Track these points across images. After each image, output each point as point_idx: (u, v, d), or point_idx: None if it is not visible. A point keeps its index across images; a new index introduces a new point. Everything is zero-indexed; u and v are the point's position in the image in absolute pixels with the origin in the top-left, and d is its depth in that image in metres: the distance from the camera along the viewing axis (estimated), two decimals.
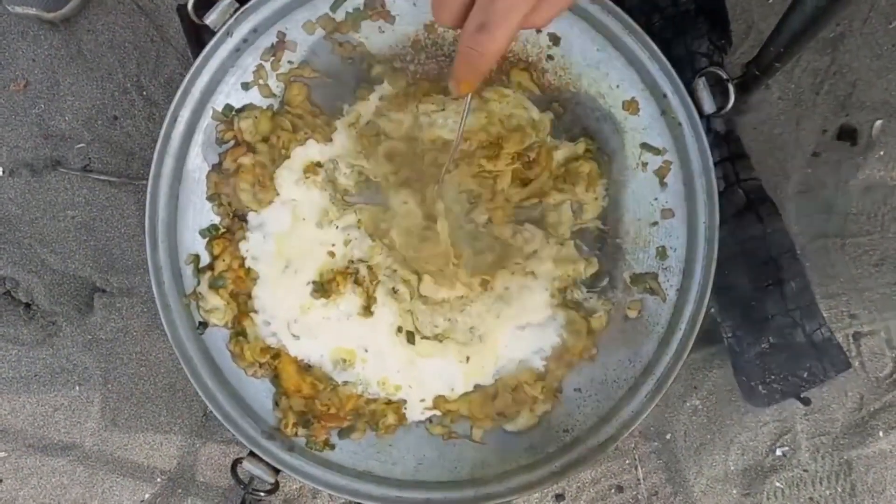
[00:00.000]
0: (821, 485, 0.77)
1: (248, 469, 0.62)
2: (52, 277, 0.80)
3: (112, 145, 0.80)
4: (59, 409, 0.80)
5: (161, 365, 0.80)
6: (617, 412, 0.61)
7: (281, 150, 0.61)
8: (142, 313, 0.80)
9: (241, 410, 0.62)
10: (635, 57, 0.61)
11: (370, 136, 0.62)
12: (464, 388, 0.62)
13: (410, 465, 0.62)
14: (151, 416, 0.79)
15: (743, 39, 0.77)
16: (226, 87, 0.61)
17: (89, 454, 0.79)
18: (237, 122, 0.61)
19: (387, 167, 0.61)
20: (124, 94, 0.79)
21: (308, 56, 0.62)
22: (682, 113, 0.61)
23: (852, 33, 0.76)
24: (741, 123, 0.77)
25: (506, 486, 0.61)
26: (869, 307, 0.77)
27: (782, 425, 0.77)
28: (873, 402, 0.77)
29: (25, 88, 0.80)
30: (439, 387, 0.62)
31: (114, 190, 0.79)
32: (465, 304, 0.62)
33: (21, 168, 0.80)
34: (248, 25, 0.60)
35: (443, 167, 0.59)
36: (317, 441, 0.62)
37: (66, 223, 0.80)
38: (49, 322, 0.80)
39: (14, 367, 0.80)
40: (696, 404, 0.77)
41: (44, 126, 0.80)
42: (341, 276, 0.62)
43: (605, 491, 0.77)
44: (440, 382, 0.62)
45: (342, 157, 0.62)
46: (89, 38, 0.79)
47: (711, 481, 0.77)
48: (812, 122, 0.77)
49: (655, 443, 0.77)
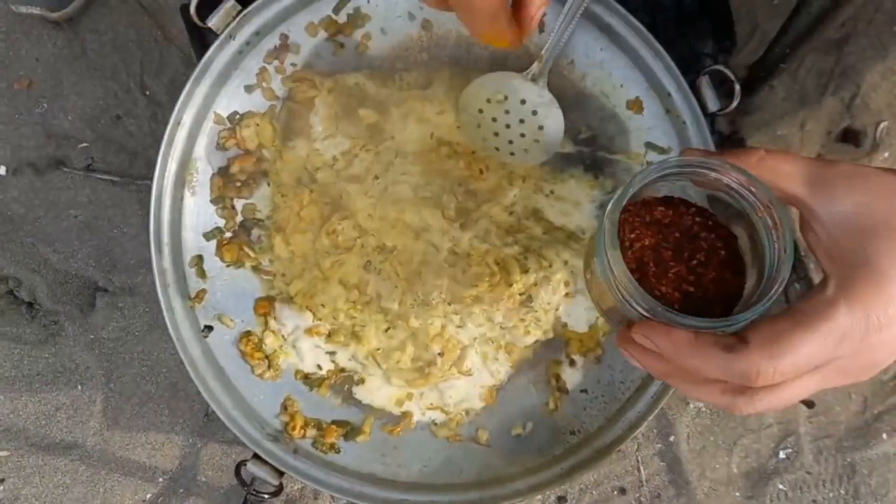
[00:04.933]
0: (824, 487, 0.77)
1: (251, 471, 0.62)
2: (54, 276, 0.80)
3: (115, 145, 0.80)
4: (62, 408, 0.80)
5: (163, 365, 0.80)
6: (624, 413, 0.61)
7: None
8: (144, 313, 0.80)
9: (245, 413, 0.62)
10: (639, 56, 0.60)
11: (348, 97, 0.61)
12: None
13: (415, 468, 0.62)
14: (153, 415, 0.79)
15: (747, 40, 0.77)
16: (229, 90, 0.61)
17: (91, 453, 0.79)
18: (239, 131, 0.61)
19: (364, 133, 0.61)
20: (128, 93, 0.79)
21: (311, 58, 0.62)
22: (687, 111, 0.61)
23: (857, 35, 0.76)
24: (745, 124, 0.77)
25: (511, 489, 0.61)
26: None
27: (785, 428, 0.77)
28: (877, 404, 0.77)
29: (29, 87, 0.80)
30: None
31: (116, 189, 0.79)
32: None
33: (24, 167, 0.80)
34: (250, 28, 0.60)
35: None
36: (325, 443, 0.62)
37: (68, 222, 0.80)
38: (51, 321, 0.80)
39: (16, 366, 0.80)
40: (700, 406, 0.77)
41: (47, 125, 0.80)
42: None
43: (608, 493, 0.77)
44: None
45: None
46: (93, 38, 0.79)
47: (714, 484, 0.77)
48: (817, 123, 0.77)
49: (658, 445, 0.77)
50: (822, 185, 0.37)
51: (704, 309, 0.41)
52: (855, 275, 0.35)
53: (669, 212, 0.43)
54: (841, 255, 0.36)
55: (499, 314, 0.60)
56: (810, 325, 0.34)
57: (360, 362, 0.62)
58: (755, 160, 0.39)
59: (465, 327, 0.61)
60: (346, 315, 0.61)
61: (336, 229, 0.61)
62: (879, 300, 0.34)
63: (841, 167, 0.38)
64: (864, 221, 0.36)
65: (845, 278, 0.35)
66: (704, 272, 0.42)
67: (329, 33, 0.62)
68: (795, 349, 0.34)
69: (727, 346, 0.36)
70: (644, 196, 0.44)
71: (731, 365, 0.35)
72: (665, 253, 0.42)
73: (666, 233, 0.43)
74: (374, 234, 0.61)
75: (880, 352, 0.36)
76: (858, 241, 0.36)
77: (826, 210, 0.37)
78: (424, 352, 0.61)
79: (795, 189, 0.38)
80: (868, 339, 0.35)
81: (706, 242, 0.43)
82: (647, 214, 0.43)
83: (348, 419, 0.63)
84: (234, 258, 0.62)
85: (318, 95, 0.61)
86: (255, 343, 0.62)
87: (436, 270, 0.60)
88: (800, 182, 0.38)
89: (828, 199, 0.37)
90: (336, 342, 0.62)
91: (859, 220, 0.36)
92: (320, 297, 0.61)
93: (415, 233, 0.60)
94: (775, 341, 0.34)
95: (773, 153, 0.39)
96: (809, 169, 0.38)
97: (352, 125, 0.61)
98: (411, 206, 0.60)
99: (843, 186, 0.37)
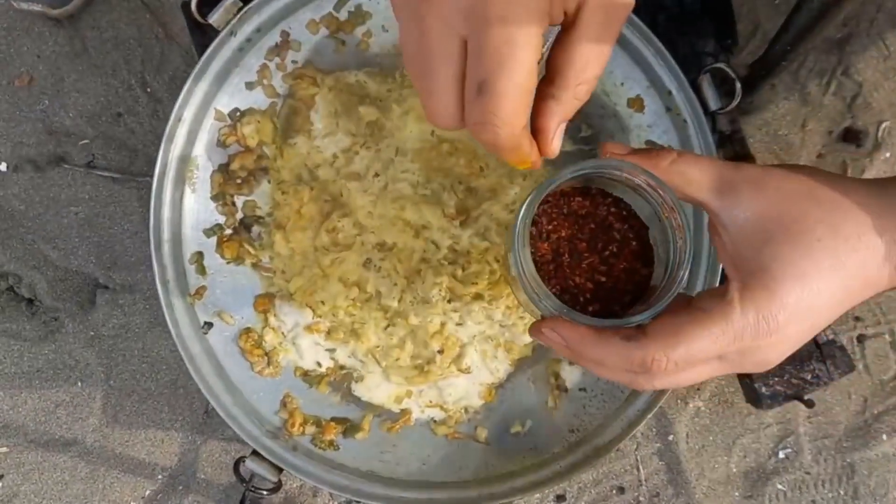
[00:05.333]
0: (823, 487, 0.77)
1: (250, 467, 0.62)
2: (54, 273, 0.80)
3: (116, 142, 0.80)
4: (61, 405, 0.80)
5: (163, 362, 0.80)
6: (623, 412, 0.61)
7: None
8: (144, 310, 0.80)
9: (245, 410, 0.62)
10: (640, 55, 0.60)
11: (349, 95, 0.61)
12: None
13: (414, 466, 0.62)
14: (153, 412, 0.79)
15: (748, 39, 0.77)
16: (230, 88, 0.61)
17: (91, 450, 0.79)
18: (240, 128, 0.61)
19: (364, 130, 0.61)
20: (128, 90, 0.79)
21: (312, 55, 0.62)
22: (688, 110, 0.61)
23: (859, 34, 0.76)
24: (746, 123, 0.77)
25: (510, 487, 0.61)
26: (874, 309, 0.76)
27: (785, 427, 0.77)
28: (877, 404, 0.77)
29: (30, 84, 0.80)
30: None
31: (117, 186, 0.79)
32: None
33: (25, 164, 0.80)
34: (251, 25, 0.60)
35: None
36: (324, 440, 0.62)
37: (69, 219, 0.80)
38: (51, 318, 0.80)
39: (16, 362, 0.80)
40: (699, 406, 0.77)
41: (48, 122, 0.80)
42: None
43: (607, 492, 0.77)
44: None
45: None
46: (94, 35, 0.79)
47: (713, 483, 0.77)
48: (818, 122, 0.77)
49: (657, 444, 0.77)
50: (727, 191, 0.38)
51: (614, 297, 0.45)
52: (752, 280, 0.36)
53: (587, 202, 0.46)
54: (741, 260, 0.38)
55: (498, 312, 0.60)
56: (705, 323, 0.36)
57: (360, 360, 0.62)
58: (667, 163, 0.40)
59: (465, 325, 0.61)
60: (345, 312, 0.61)
61: (336, 227, 0.61)
62: (771, 307, 0.36)
63: (749, 171, 0.39)
64: (765, 227, 0.37)
65: (743, 283, 0.37)
66: (616, 262, 0.45)
67: (330, 30, 0.62)
68: (689, 343, 0.36)
69: (627, 336, 0.38)
70: (563, 187, 0.46)
71: (629, 354, 0.38)
72: (580, 244, 0.45)
73: (582, 224, 0.45)
74: (374, 232, 0.61)
75: (770, 353, 0.38)
76: (757, 248, 0.37)
77: (729, 216, 0.38)
78: (424, 349, 0.61)
79: (702, 195, 0.39)
80: (758, 342, 0.37)
81: (619, 233, 0.45)
82: (565, 205, 0.46)
83: (347, 416, 0.63)
84: (235, 255, 0.62)
85: (318, 93, 0.61)
86: (255, 340, 0.62)
87: (435, 268, 0.60)
88: (707, 187, 0.39)
89: (731, 204, 0.38)
90: (336, 339, 0.62)
91: (760, 225, 0.37)
92: (320, 294, 0.61)
93: (415, 230, 0.60)
94: (672, 334, 0.37)
95: (684, 156, 0.40)
96: (717, 174, 0.39)
97: (352, 122, 0.61)
98: (411, 204, 0.60)
99: (747, 192, 0.38)
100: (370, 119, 0.61)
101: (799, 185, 0.38)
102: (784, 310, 0.36)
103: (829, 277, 0.36)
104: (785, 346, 0.38)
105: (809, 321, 0.37)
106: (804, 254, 0.36)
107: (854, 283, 0.37)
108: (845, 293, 0.37)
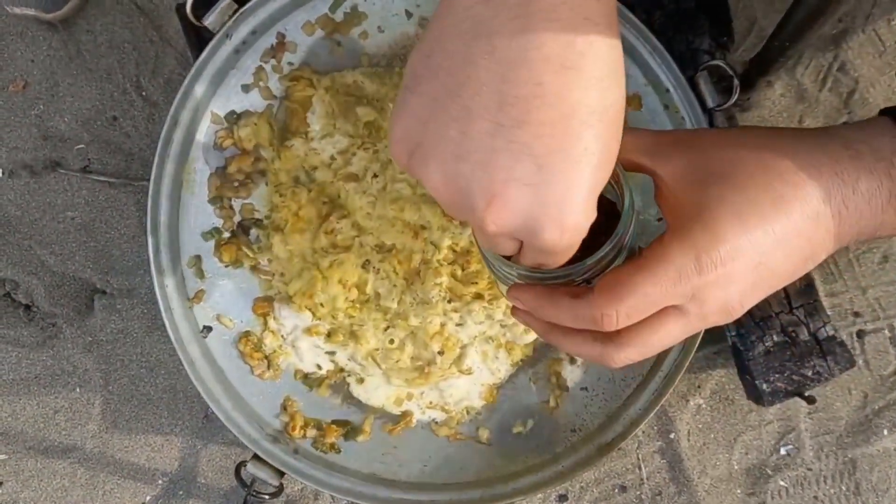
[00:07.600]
0: (825, 483, 0.77)
1: (251, 472, 0.62)
2: (51, 279, 0.80)
3: (111, 146, 0.79)
4: (60, 411, 0.80)
5: (162, 366, 0.79)
6: (624, 411, 0.61)
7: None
8: (142, 315, 0.79)
9: (245, 413, 0.62)
10: (637, 52, 0.60)
11: (346, 95, 0.61)
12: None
13: (416, 467, 0.62)
14: (152, 417, 0.79)
15: (745, 36, 0.77)
16: (226, 90, 0.61)
17: (90, 456, 0.79)
18: (236, 131, 0.61)
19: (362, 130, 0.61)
20: (124, 94, 0.79)
21: (308, 57, 0.62)
22: (685, 107, 0.61)
23: (855, 30, 0.76)
24: (743, 120, 0.77)
25: (512, 487, 0.61)
26: (873, 305, 0.77)
27: (786, 424, 0.77)
28: (877, 399, 0.77)
29: (24, 89, 0.79)
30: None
31: (113, 191, 0.79)
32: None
33: (20, 169, 0.79)
34: (247, 27, 0.60)
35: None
36: (325, 443, 0.62)
37: (65, 224, 0.80)
38: (49, 324, 0.80)
39: (14, 369, 0.80)
40: (700, 403, 0.77)
41: (43, 127, 0.79)
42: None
43: (609, 491, 0.77)
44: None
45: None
46: (88, 39, 0.79)
47: (715, 481, 0.77)
48: (815, 119, 0.77)
49: (659, 442, 0.77)
50: (660, 151, 0.41)
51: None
52: (689, 223, 0.37)
53: None
54: (680, 208, 0.39)
55: (499, 311, 0.60)
56: (645, 267, 0.37)
57: (360, 362, 0.62)
58: None
59: (465, 325, 0.61)
60: (345, 314, 0.61)
61: (334, 228, 0.60)
62: (708, 239, 0.37)
63: (678, 133, 0.43)
64: (697, 176, 0.39)
65: (681, 226, 0.38)
66: None
67: (326, 32, 0.62)
68: (634, 290, 0.37)
69: (575, 294, 0.40)
70: None
71: (578, 310, 0.39)
72: None
73: None
74: (373, 233, 0.60)
75: (725, 290, 0.37)
76: (692, 194, 0.38)
77: (665, 171, 0.40)
78: (424, 350, 0.61)
79: (639, 158, 0.41)
80: (705, 278, 0.37)
81: None
82: None
83: (348, 419, 0.62)
84: (233, 258, 0.62)
85: (315, 94, 0.61)
86: (255, 343, 0.62)
87: (435, 268, 0.60)
88: (642, 151, 0.41)
89: (665, 160, 0.40)
90: (335, 342, 0.62)
91: (694, 175, 0.39)
92: (319, 296, 0.60)
93: (414, 231, 0.60)
94: (615, 284, 0.38)
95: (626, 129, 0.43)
96: (651, 139, 0.42)
97: (349, 123, 0.61)
98: (410, 204, 0.60)
99: (680, 147, 0.40)
100: (368, 119, 0.61)
101: (728, 135, 0.41)
102: (724, 243, 0.36)
103: (770, 214, 0.37)
104: (737, 286, 0.37)
105: (756, 258, 0.37)
106: (738, 191, 0.37)
107: (803, 223, 0.37)
108: (795, 233, 0.37)
